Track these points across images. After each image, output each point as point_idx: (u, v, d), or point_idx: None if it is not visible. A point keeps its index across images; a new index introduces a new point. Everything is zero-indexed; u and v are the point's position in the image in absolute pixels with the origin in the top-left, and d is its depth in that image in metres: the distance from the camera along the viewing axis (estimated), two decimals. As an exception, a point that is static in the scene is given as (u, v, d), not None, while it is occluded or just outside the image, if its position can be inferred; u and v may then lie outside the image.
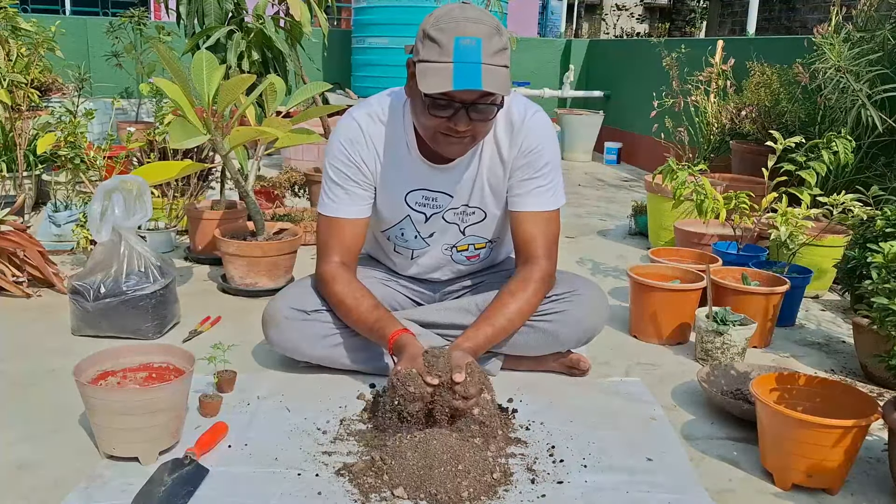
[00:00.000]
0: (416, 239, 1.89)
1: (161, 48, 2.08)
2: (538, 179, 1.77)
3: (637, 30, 18.15)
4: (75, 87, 4.27)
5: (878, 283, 1.65)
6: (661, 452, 1.56)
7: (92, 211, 2.00)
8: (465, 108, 1.55)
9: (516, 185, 1.78)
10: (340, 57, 6.50)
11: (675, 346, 2.21)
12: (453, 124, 1.57)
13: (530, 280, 1.76)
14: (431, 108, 1.56)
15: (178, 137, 2.12)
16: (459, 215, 1.85)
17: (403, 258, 1.96)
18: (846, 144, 2.45)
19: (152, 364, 1.58)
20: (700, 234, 2.84)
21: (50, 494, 1.36)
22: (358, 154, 1.75)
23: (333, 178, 1.78)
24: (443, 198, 1.81)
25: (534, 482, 1.42)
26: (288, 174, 3.64)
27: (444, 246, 1.91)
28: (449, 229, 1.87)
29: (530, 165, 1.76)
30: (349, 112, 1.79)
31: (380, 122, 1.75)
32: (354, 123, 1.76)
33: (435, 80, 1.50)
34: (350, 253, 1.79)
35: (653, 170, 3.23)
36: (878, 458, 1.59)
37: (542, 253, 1.78)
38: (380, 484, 1.37)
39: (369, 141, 1.75)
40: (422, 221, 1.85)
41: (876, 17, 3.13)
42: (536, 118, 1.76)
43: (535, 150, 1.75)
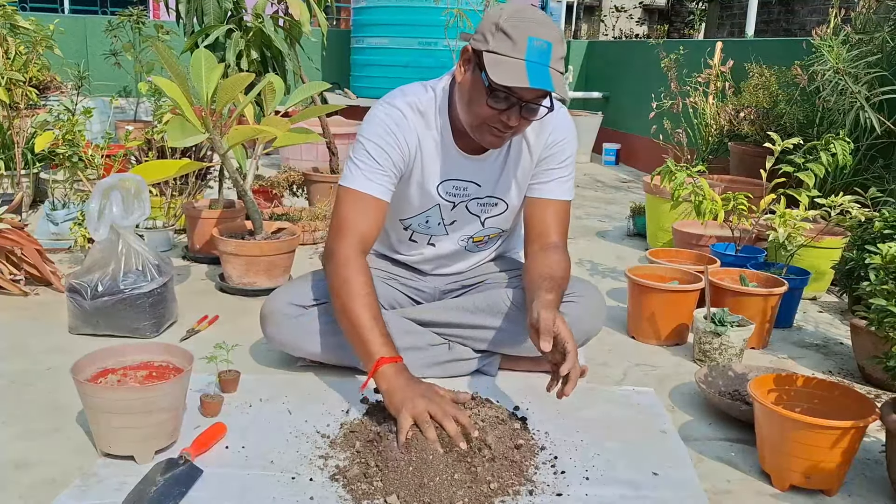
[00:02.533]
0: (438, 226, 1.90)
1: (160, 47, 2.08)
2: (560, 170, 1.84)
3: (636, 31, 18.16)
4: (74, 86, 4.26)
5: (876, 285, 1.65)
6: (669, 467, 1.51)
7: (90, 209, 2.00)
8: (519, 105, 1.59)
9: (539, 173, 1.84)
10: (339, 57, 6.50)
11: (673, 346, 2.21)
12: (506, 118, 1.61)
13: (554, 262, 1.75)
14: (491, 99, 1.59)
15: (176, 136, 2.12)
16: (482, 206, 1.87)
17: (417, 245, 1.95)
18: (844, 146, 2.45)
19: (153, 363, 1.58)
20: (698, 235, 2.84)
21: (47, 492, 1.35)
22: (403, 137, 1.74)
23: (372, 153, 1.72)
24: (472, 187, 1.84)
25: (532, 493, 1.38)
26: (286, 174, 3.64)
27: (462, 236, 1.92)
28: (470, 219, 1.89)
29: (554, 157, 1.83)
30: (388, 100, 1.77)
31: (418, 112, 1.76)
32: (397, 111, 1.75)
33: (511, 74, 1.53)
34: (366, 241, 1.73)
35: (651, 171, 3.23)
36: (875, 459, 1.59)
37: (558, 240, 1.82)
38: (373, 490, 1.35)
39: (411, 128, 1.75)
40: (449, 209, 1.87)
41: (874, 19, 3.14)
42: (562, 113, 1.84)
43: (561, 142, 1.83)
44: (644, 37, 15.13)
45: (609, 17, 17.80)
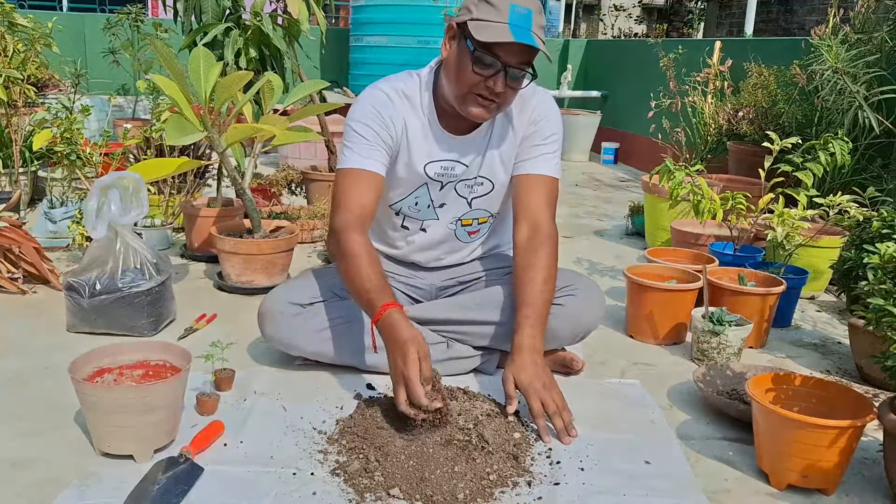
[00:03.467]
0: (428, 208, 1.91)
1: (159, 45, 2.07)
2: (545, 146, 1.86)
3: (635, 30, 18.16)
4: (71, 84, 4.25)
5: (875, 285, 1.65)
6: (661, 456, 1.55)
7: (88, 207, 2.00)
8: (504, 70, 1.64)
9: (524, 151, 1.87)
10: (338, 55, 6.49)
11: (672, 346, 2.21)
12: (492, 83, 1.65)
13: (540, 245, 1.77)
14: (476, 65, 1.64)
15: (174, 134, 2.11)
16: (469, 186, 1.88)
17: (409, 232, 1.96)
18: (843, 146, 2.45)
19: (149, 362, 1.58)
20: (697, 234, 2.85)
21: (45, 492, 1.35)
22: (388, 116, 1.78)
23: (360, 133, 1.77)
24: (458, 167, 1.85)
25: (530, 485, 1.41)
26: (285, 172, 3.64)
27: (451, 219, 1.93)
28: (458, 201, 1.91)
29: (538, 133, 1.85)
30: (373, 86, 1.83)
31: (403, 96, 1.81)
32: (382, 94, 1.80)
33: (495, 33, 1.60)
34: (365, 212, 1.74)
35: (650, 170, 3.24)
36: (873, 458, 1.59)
37: (546, 216, 1.82)
38: (375, 484, 1.36)
39: (397, 109, 1.79)
40: (437, 189, 1.88)
41: (873, 18, 3.14)
42: (542, 92, 1.89)
43: (544, 118, 1.86)
44: (643, 36, 15.13)
45: (608, 16, 17.80)
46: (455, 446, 1.44)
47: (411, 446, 1.43)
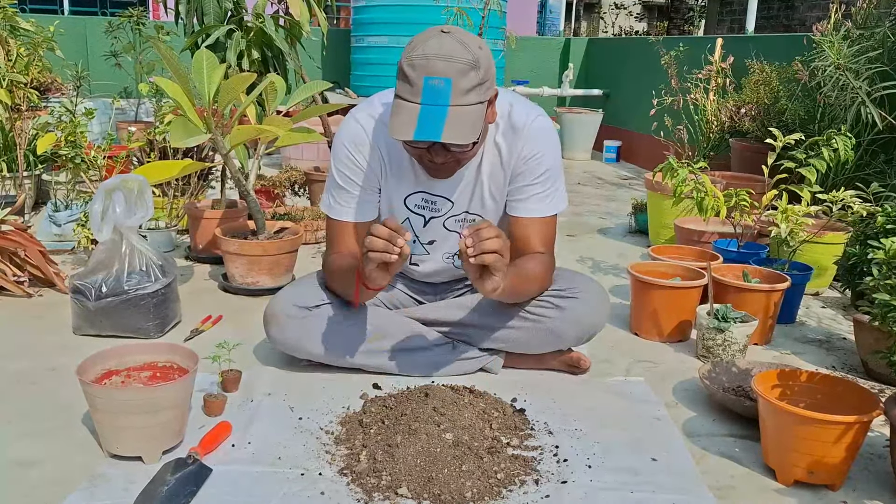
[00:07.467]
0: (414, 244, 1.89)
1: (162, 47, 2.08)
2: (537, 186, 1.77)
3: (636, 28, 18.15)
4: (73, 86, 4.26)
5: (879, 280, 1.66)
6: (666, 453, 1.55)
7: (93, 210, 2.00)
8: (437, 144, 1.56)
9: (515, 190, 1.78)
10: (340, 56, 6.50)
11: (676, 343, 2.21)
12: (429, 156, 1.61)
13: (536, 258, 1.76)
14: (405, 143, 1.60)
15: (178, 136, 2.12)
16: (460, 222, 1.84)
17: (407, 263, 1.95)
18: (846, 142, 2.45)
19: (156, 363, 1.58)
20: (700, 231, 2.85)
21: (52, 492, 1.36)
22: (363, 156, 1.76)
23: (339, 181, 1.79)
24: (442, 202, 1.81)
25: (538, 482, 1.41)
26: (288, 173, 3.64)
27: (445, 255, 1.91)
28: (449, 237, 1.87)
29: (530, 172, 1.76)
30: (351, 113, 1.80)
31: (381, 123, 1.75)
32: (357, 125, 1.77)
33: (401, 125, 1.50)
34: (355, 252, 1.80)
35: (652, 168, 3.23)
36: (879, 454, 1.59)
37: (541, 248, 1.79)
38: (383, 484, 1.37)
39: (373, 142, 1.76)
40: (420, 225, 1.85)
41: (875, 14, 3.14)
42: (538, 123, 1.75)
43: (535, 156, 1.75)
44: (644, 34, 15.11)
45: (609, 14, 17.80)
46: (462, 445, 1.45)
47: (418, 445, 1.43)
